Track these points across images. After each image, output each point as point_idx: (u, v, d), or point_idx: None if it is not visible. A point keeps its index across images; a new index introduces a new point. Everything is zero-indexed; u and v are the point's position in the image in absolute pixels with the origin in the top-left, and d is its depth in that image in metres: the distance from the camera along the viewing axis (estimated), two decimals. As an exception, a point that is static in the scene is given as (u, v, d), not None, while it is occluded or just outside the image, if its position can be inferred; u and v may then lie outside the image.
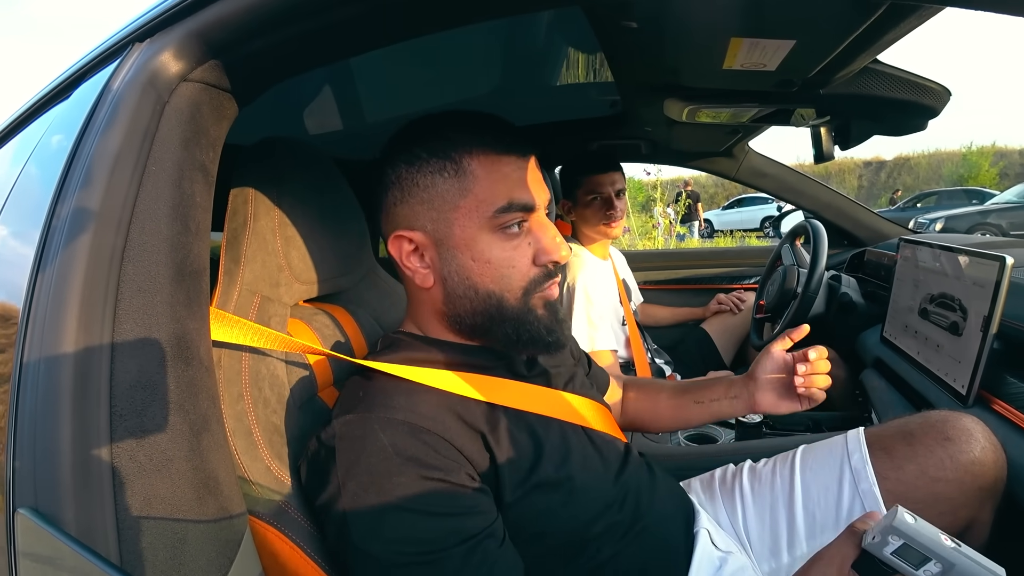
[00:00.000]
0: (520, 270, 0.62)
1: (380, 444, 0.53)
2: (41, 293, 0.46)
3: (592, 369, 0.91)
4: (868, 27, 0.66)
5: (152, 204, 0.47)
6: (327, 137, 1.52)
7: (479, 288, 0.61)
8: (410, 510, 0.51)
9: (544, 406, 0.67)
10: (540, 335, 0.63)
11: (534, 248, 0.62)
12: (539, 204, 0.63)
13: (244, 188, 0.65)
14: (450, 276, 0.62)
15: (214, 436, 0.48)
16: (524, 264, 0.62)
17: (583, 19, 0.87)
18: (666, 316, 1.96)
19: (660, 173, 6.33)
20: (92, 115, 0.52)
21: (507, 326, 0.62)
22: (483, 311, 0.62)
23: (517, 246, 0.61)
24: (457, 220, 0.60)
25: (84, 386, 0.42)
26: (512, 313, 0.62)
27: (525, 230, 0.62)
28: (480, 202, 0.59)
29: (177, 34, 0.51)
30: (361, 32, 0.53)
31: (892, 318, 1.21)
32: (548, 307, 0.64)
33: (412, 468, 0.53)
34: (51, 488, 0.41)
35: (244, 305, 0.61)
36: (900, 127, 1.09)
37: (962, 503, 0.67)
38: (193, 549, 0.43)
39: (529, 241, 0.62)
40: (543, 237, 0.62)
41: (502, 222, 0.60)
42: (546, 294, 0.64)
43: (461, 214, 0.60)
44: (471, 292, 0.62)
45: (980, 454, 0.67)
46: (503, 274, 0.61)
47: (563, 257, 0.63)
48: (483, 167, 0.60)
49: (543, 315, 0.63)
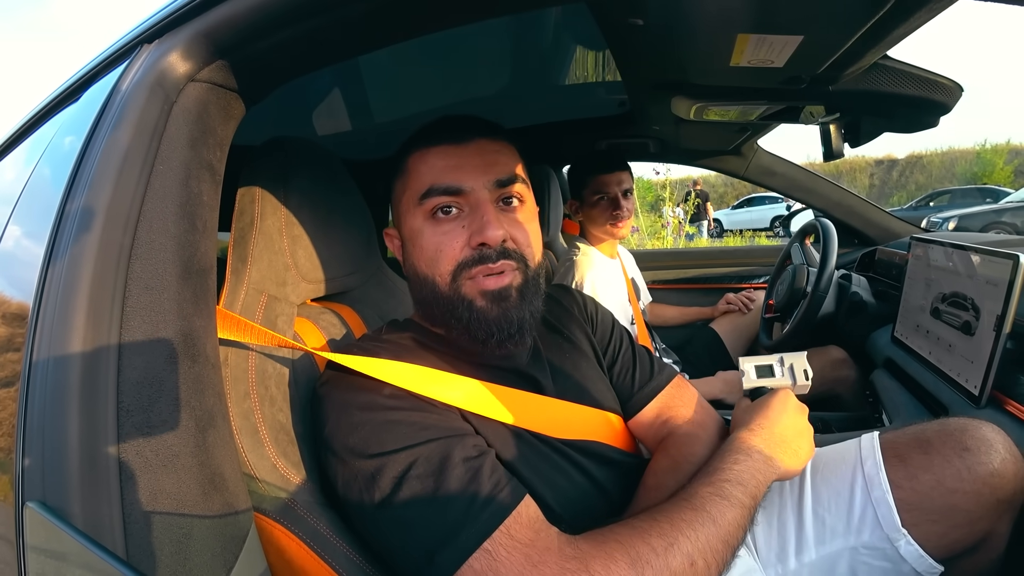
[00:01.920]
0: (448, 253, 0.62)
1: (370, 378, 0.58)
2: (51, 290, 0.46)
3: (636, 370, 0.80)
4: (877, 22, 0.65)
5: (160, 203, 0.48)
6: (335, 138, 1.53)
7: (418, 273, 0.66)
8: (403, 418, 0.56)
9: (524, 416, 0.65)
10: (481, 327, 0.62)
11: (468, 231, 0.62)
12: (474, 186, 0.62)
13: (251, 187, 0.65)
14: (407, 266, 0.69)
15: (220, 432, 0.49)
16: (453, 248, 0.62)
17: (589, 17, 0.86)
18: (675, 315, 1.95)
19: (669, 172, 6.32)
20: (101, 115, 0.52)
21: (443, 311, 0.64)
22: (425, 298, 0.66)
23: (448, 231, 0.63)
24: (403, 214, 0.67)
25: (92, 382, 0.43)
26: (443, 296, 0.63)
27: (461, 215, 0.63)
28: (412, 193, 0.65)
29: (185, 35, 0.51)
30: (367, 31, 0.53)
31: (903, 318, 1.20)
32: (489, 298, 0.62)
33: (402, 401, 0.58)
34: (59, 482, 0.41)
35: (251, 304, 0.62)
36: (911, 124, 1.07)
37: (979, 515, 0.65)
38: (198, 544, 0.44)
39: (463, 224, 0.63)
40: (473, 219, 0.62)
41: (427, 208, 0.63)
42: (480, 283, 0.62)
43: (404, 208, 0.66)
44: (416, 278, 0.67)
45: (1000, 466, 0.65)
46: (432, 257, 0.63)
47: (490, 237, 0.61)
48: (415, 162, 0.65)
49: (483, 306, 0.62)
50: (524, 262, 0.65)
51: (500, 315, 0.62)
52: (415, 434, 0.55)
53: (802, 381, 0.73)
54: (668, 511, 0.53)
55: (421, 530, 0.51)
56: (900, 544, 0.65)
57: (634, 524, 0.52)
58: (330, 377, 0.61)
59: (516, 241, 0.64)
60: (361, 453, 0.54)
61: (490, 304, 0.62)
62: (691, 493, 0.56)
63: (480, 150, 0.64)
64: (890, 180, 20.88)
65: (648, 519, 0.52)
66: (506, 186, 0.64)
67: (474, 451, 0.56)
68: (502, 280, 0.63)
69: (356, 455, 0.54)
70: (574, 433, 0.68)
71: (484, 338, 0.63)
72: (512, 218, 0.65)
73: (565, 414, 0.69)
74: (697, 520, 0.52)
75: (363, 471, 0.53)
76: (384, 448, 0.53)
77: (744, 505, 0.56)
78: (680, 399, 0.78)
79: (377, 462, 0.53)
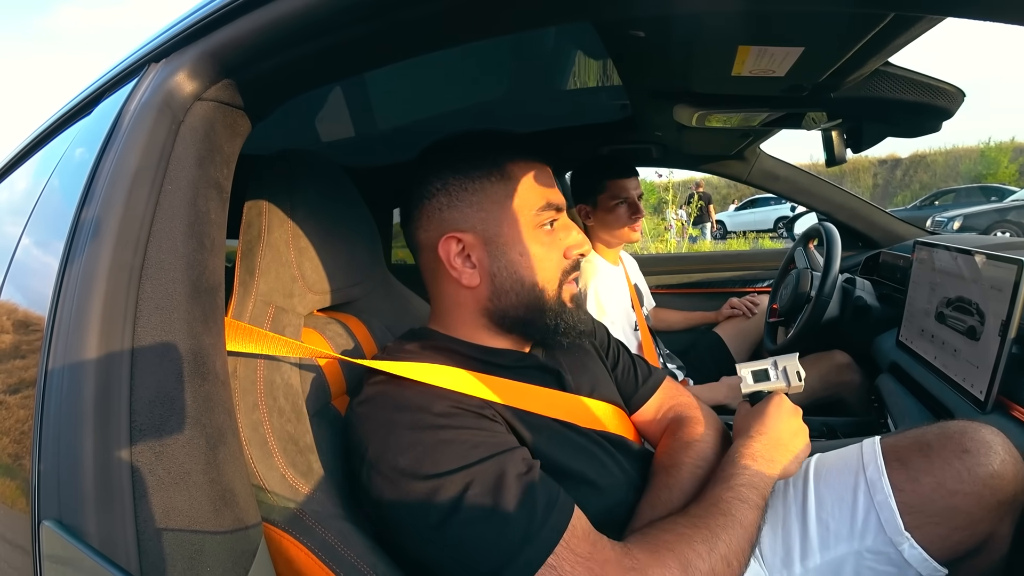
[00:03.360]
0: (554, 263, 0.68)
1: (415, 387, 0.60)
2: (64, 310, 0.47)
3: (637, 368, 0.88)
4: (877, 33, 0.65)
5: (168, 223, 0.49)
6: (337, 145, 1.54)
7: (525, 281, 0.67)
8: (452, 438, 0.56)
9: (560, 410, 0.68)
10: (574, 325, 0.69)
11: (563, 244, 0.69)
12: (564, 205, 0.70)
13: (258, 200, 0.66)
14: (499, 272, 0.67)
15: (230, 449, 0.49)
16: (557, 258, 0.68)
17: (591, 29, 0.87)
18: (678, 320, 1.95)
19: (672, 175, 6.32)
20: (111, 134, 0.53)
21: (548, 316, 0.68)
22: (527, 303, 0.67)
23: (551, 242, 0.68)
24: (505, 219, 0.66)
25: (106, 401, 0.43)
26: (551, 304, 0.68)
27: (556, 228, 0.69)
28: (524, 202, 0.67)
29: (191, 55, 0.52)
30: (372, 49, 0.54)
31: (908, 322, 1.20)
32: (575, 300, 0.70)
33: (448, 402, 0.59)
34: (74, 501, 0.42)
35: (259, 315, 0.63)
36: (913, 129, 1.08)
37: (980, 517, 0.65)
38: (210, 560, 0.44)
39: (560, 237, 0.69)
40: (571, 233, 0.70)
41: (541, 220, 0.67)
42: (572, 286, 0.70)
43: (508, 214, 0.66)
44: (518, 286, 0.67)
45: (999, 467, 0.66)
46: (543, 267, 0.67)
47: (588, 250, 0.70)
48: (524, 172, 0.68)
49: (572, 308, 0.69)
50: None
51: (579, 312, 0.70)
52: (467, 452, 0.55)
53: (796, 383, 0.78)
54: (704, 517, 0.58)
55: (483, 550, 0.51)
56: (904, 547, 0.66)
57: (679, 531, 0.57)
58: (369, 396, 0.61)
59: None
60: (414, 474, 0.53)
61: (573, 304, 0.70)
62: (717, 498, 0.61)
63: (549, 172, 0.70)
64: (894, 180, 20.80)
65: (690, 525, 0.57)
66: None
67: (524, 466, 0.56)
68: (575, 285, 0.71)
69: (409, 476, 0.54)
70: (601, 426, 0.73)
71: (578, 334, 0.70)
72: None
73: (590, 409, 0.73)
74: (728, 525, 0.58)
75: (417, 492, 0.53)
76: (439, 469, 0.53)
77: (759, 507, 0.61)
78: (676, 391, 0.88)
79: (432, 483, 0.53)
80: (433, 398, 0.58)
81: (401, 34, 0.50)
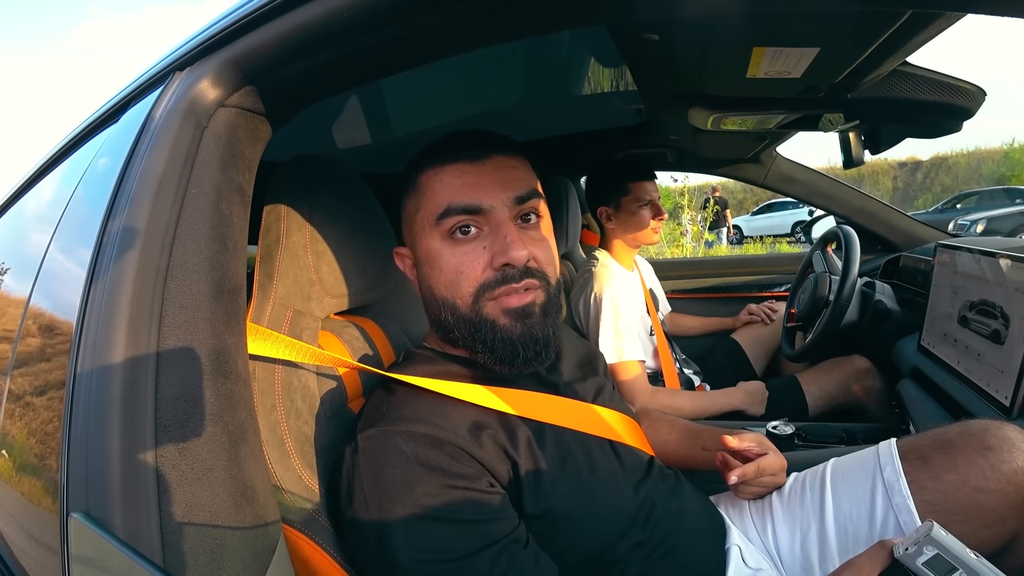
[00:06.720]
0: (469, 275, 0.61)
1: (403, 456, 0.54)
2: (93, 309, 0.49)
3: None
4: (894, 32, 0.65)
5: (193, 225, 0.50)
6: (355, 151, 1.56)
7: (436, 296, 0.64)
8: (435, 518, 0.52)
9: (568, 418, 0.67)
10: (507, 347, 0.61)
11: (490, 252, 0.61)
12: (493, 204, 0.61)
13: (277, 205, 0.67)
14: (423, 288, 0.67)
15: (251, 446, 0.50)
16: (475, 269, 0.61)
17: (605, 32, 0.88)
18: (695, 326, 1.94)
19: (687, 179, 6.26)
20: (138, 141, 0.55)
21: (465, 333, 0.62)
22: (445, 320, 0.64)
23: (468, 251, 0.61)
24: (418, 234, 0.65)
25: (132, 398, 0.45)
26: (465, 319, 0.62)
27: (481, 234, 0.62)
28: (428, 213, 0.63)
29: (214, 63, 0.54)
30: (390, 55, 0.55)
31: (930, 326, 1.18)
32: (513, 316, 0.61)
33: (435, 477, 0.54)
34: (102, 494, 0.43)
35: (277, 319, 0.64)
36: (933, 129, 1.06)
37: (1006, 515, 0.64)
38: (231, 554, 0.45)
39: (485, 245, 0.61)
40: (496, 239, 0.61)
41: (445, 228, 0.61)
42: (503, 302, 0.61)
43: (418, 228, 0.65)
44: (433, 301, 0.65)
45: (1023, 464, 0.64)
46: (452, 280, 0.62)
47: (515, 258, 0.59)
48: (429, 180, 0.63)
49: (506, 324, 0.61)
50: (546, 280, 0.64)
51: (525, 333, 0.61)
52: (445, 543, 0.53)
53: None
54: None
55: None
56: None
57: None
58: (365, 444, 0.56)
59: (538, 259, 0.63)
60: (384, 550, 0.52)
61: (513, 322, 0.61)
62: None
63: (497, 166, 0.62)
64: (914, 183, 20.40)
65: None
66: (525, 202, 0.63)
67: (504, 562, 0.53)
68: (525, 297, 0.62)
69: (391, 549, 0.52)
70: (606, 432, 0.71)
71: (510, 359, 0.62)
72: (532, 236, 0.64)
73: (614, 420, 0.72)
74: None
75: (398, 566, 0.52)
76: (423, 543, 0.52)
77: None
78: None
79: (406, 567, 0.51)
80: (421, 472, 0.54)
81: (419, 39, 0.51)
